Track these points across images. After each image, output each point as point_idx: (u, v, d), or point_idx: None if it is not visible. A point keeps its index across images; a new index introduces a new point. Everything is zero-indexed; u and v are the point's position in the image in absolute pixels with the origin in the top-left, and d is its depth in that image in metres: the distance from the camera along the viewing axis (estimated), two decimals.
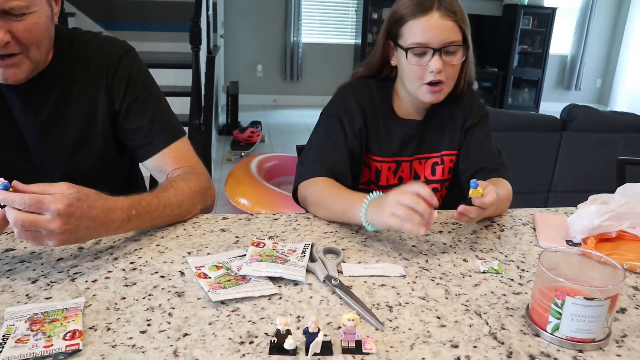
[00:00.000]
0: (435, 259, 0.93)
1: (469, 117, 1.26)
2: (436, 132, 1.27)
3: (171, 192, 1.00)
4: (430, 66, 1.10)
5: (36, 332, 0.66)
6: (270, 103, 6.63)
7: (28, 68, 0.97)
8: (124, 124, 1.11)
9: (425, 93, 1.15)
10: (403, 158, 1.26)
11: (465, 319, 0.75)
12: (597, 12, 7.08)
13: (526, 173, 2.93)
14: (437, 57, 1.09)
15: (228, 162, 4.37)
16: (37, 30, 0.94)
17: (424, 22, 1.09)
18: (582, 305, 0.67)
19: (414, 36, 1.10)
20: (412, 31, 1.10)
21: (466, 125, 1.26)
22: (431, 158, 1.27)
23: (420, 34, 1.09)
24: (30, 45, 0.94)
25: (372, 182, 1.28)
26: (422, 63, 1.11)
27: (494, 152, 1.27)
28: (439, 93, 1.15)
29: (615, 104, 7.26)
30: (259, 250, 0.89)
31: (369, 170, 1.27)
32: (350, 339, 0.66)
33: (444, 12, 1.08)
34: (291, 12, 6.29)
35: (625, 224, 0.97)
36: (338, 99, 1.24)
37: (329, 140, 1.19)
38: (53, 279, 0.81)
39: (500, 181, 1.17)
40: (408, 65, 1.13)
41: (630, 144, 2.89)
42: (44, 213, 0.77)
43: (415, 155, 1.27)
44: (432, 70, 1.10)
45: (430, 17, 1.08)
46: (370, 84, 1.25)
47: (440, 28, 1.08)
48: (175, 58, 4.41)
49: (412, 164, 1.27)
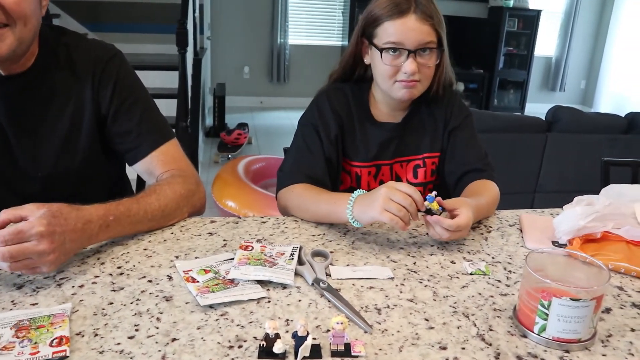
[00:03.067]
0: (423, 261, 0.93)
1: (451, 118, 1.26)
2: (416, 134, 1.27)
3: (153, 197, 0.99)
4: (404, 67, 1.11)
5: (22, 339, 0.65)
6: (257, 105, 6.61)
7: (12, 43, 0.93)
8: (112, 127, 1.10)
9: (398, 89, 1.15)
10: (383, 162, 1.26)
11: (453, 321, 0.75)
12: (580, 15, 7.18)
13: (512, 174, 2.96)
14: (412, 58, 1.11)
15: (215, 165, 4.35)
16: (26, 4, 0.92)
17: (401, 24, 1.10)
18: (568, 306, 0.68)
19: (389, 36, 1.11)
20: (388, 32, 1.11)
21: (449, 127, 1.26)
22: (412, 160, 1.27)
23: (396, 35, 1.10)
24: (18, 20, 0.92)
25: (353, 189, 1.24)
26: (396, 63, 1.12)
27: (480, 153, 1.26)
28: (413, 89, 1.15)
29: (599, 105, 7.36)
30: (247, 253, 0.89)
31: (349, 177, 1.26)
32: (339, 342, 0.66)
33: (420, 15, 1.10)
34: (278, 13, 6.28)
35: (609, 224, 0.98)
36: (313, 106, 1.24)
37: (306, 148, 1.19)
38: (39, 285, 0.80)
39: (487, 185, 1.18)
40: (382, 64, 1.13)
41: (614, 145, 2.94)
42: (28, 240, 0.76)
43: (396, 158, 1.26)
44: (406, 72, 1.11)
45: (407, 19, 1.09)
46: (345, 89, 1.25)
47: (416, 30, 1.10)
48: (161, 60, 4.38)
49: (392, 167, 1.27)
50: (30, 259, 0.77)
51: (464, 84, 6.86)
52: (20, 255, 0.76)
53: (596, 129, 2.97)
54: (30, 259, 0.77)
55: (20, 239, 0.76)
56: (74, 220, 0.84)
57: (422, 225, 1.09)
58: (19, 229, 0.76)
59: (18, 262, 0.76)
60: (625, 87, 6.95)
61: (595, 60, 7.51)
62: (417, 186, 1.26)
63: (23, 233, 0.76)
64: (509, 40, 6.82)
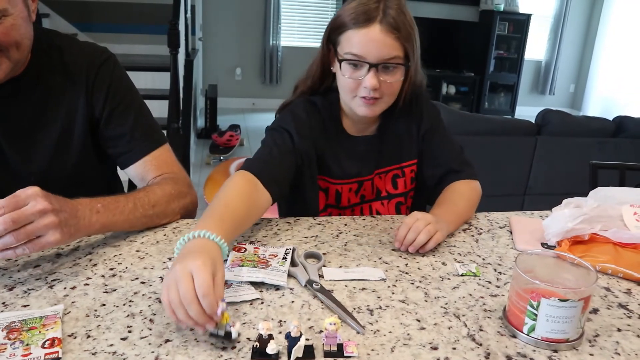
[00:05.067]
0: (415, 263, 0.94)
1: (422, 122, 1.21)
2: (392, 144, 1.21)
3: (142, 193, 1.00)
4: (364, 82, 1.03)
5: (14, 341, 0.65)
6: (249, 106, 6.60)
7: (7, 68, 0.95)
8: (105, 131, 1.10)
9: (359, 105, 1.08)
10: (364, 178, 1.20)
11: (445, 321, 0.76)
12: (570, 19, 7.26)
13: (502, 176, 2.99)
14: (373, 73, 1.02)
15: (207, 166, 4.34)
16: (14, 32, 0.93)
17: (364, 35, 1.01)
18: (556, 307, 0.69)
19: (351, 47, 1.03)
20: (350, 41, 1.03)
21: (422, 131, 1.21)
22: (391, 171, 1.22)
23: (358, 46, 1.02)
24: (10, 47, 0.93)
25: (330, 206, 1.21)
26: (356, 76, 1.04)
27: (456, 151, 1.23)
28: (374, 106, 1.08)
29: (588, 108, 7.45)
30: (240, 255, 0.89)
31: (325, 195, 1.20)
32: (332, 343, 0.66)
33: (386, 27, 1.00)
34: (270, 15, 6.29)
35: (597, 226, 1.00)
36: (287, 114, 1.14)
37: (274, 146, 1.09)
38: (30, 286, 0.80)
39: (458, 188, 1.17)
40: (342, 77, 1.06)
41: (603, 148, 2.98)
42: (25, 204, 0.76)
43: (375, 171, 1.21)
44: (366, 86, 1.03)
45: (371, 30, 1.01)
46: (316, 102, 1.17)
47: (379, 42, 1.01)
48: (152, 61, 4.37)
49: (373, 180, 1.22)
50: (32, 222, 0.76)
51: (455, 87, 6.92)
52: (21, 218, 0.75)
53: (585, 132, 3.01)
54: (33, 223, 0.76)
55: (17, 203, 0.75)
56: (64, 199, 0.84)
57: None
58: (14, 195, 0.76)
59: (21, 231, 0.75)
60: (614, 91, 7.04)
61: (584, 64, 7.60)
62: (398, 197, 1.22)
63: (18, 197, 0.76)
64: (500, 44, 6.89)
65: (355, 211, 1.23)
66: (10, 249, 0.76)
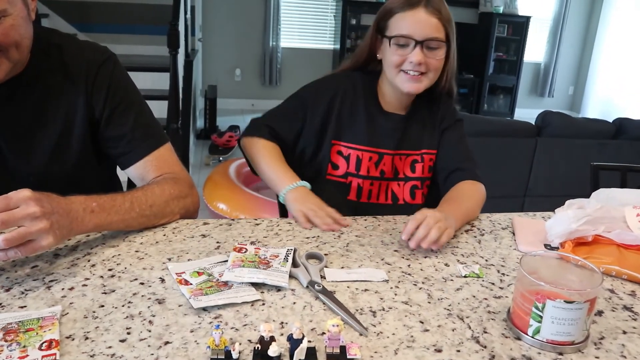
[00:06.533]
0: (417, 264, 0.93)
1: (444, 119, 1.31)
2: (417, 130, 1.31)
3: (139, 192, 0.99)
4: (411, 57, 1.16)
5: (10, 343, 0.64)
6: (248, 107, 6.59)
7: (7, 68, 0.95)
8: (105, 131, 1.08)
9: (404, 81, 1.20)
10: (385, 150, 1.28)
11: (448, 323, 0.75)
12: (569, 21, 7.27)
13: (503, 178, 2.98)
14: (419, 49, 1.15)
15: (206, 167, 4.33)
16: (14, 32, 0.92)
17: (410, 16, 1.16)
18: (562, 309, 0.68)
19: (399, 28, 1.17)
20: (398, 23, 1.17)
21: (442, 127, 1.31)
22: (411, 155, 1.30)
23: (406, 27, 1.16)
24: (10, 47, 0.92)
25: (350, 174, 1.28)
26: (403, 53, 1.17)
27: (467, 154, 1.30)
28: (418, 83, 1.19)
29: (587, 111, 7.45)
30: (241, 255, 0.88)
31: (346, 161, 1.27)
32: (335, 345, 0.65)
33: (430, 10, 1.15)
34: (270, 16, 6.28)
35: (600, 228, 0.99)
36: (316, 83, 1.31)
37: (287, 110, 1.30)
38: (28, 287, 0.78)
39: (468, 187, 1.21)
40: (390, 54, 1.19)
41: (603, 150, 2.97)
42: (16, 207, 0.75)
43: (398, 150, 1.29)
44: (412, 61, 1.16)
45: (417, 12, 1.15)
46: (355, 76, 1.30)
47: (425, 22, 1.15)
48: (151, 61, 4.37)
49: (393, 158, 1.29)
50: (23, 226, 0.75)
51: None
52: (11, 220, 0.74)
53: (585, 134, 3.01)
54: (24, 227, 0.75)
55: (7, 205, 0.74)
56: (57, 198, 0.83)
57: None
58: (5, 196, 0.75)
59: (13, 234, 0.74)
60: (613, 93, 7.04)
61: (583, 66, 7.60)
62: (415, 180, 1.31)
63: (9, 199, 0.75)
64: (499, 46, 6.89)
65: (374, 185, 1.29)
66: (2, 252, 0.75)
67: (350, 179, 1.27)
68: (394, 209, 1.27)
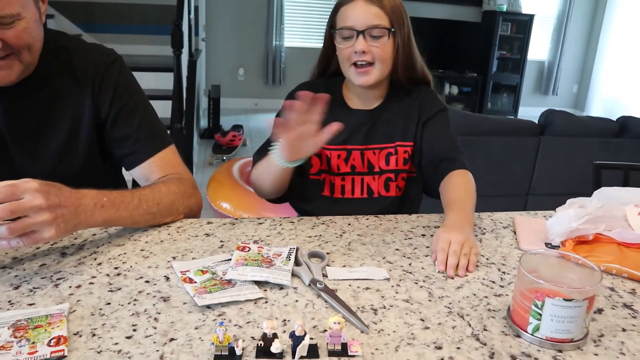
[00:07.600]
0: (419, 262, 0.94)
1: (424, 111, 1.30)
2: (388, 124, 1.30)
3: (147, 190, 1.01)
4: (355, 46, 1.18)
5: (20, 339, 0.66)
6: (252, 107, 6.61)
7: (20, 70, 0.97)
8: (111, 132, 1.10)
9: (354, 75, 1.22)
10: (353, 147, 1.29)
11: (449, 321, 0.76)
12: (573, 20, 7.24)
13: (505, 177, 2.98)
14: (361, 38, 1.18)
15: (210, 166, 4.35)
16: (26, 35, 0.94)
17: (351, 8, 1.19)
18: (561, 306, 0.69)
19: (343, 21, 1.20)
20: (342, 17, 1.21)
21: (422, 119, 1.30)
22: (385, 148, 1.30)
23: (348, 18, 1.19)
24: (22, 49, 0.94)
25: (324, 171, 1.30)
26: (348, 45, 1.20)
27: (452, 143, 1.30)
28: (367, 75, 1.21)
29: (591, 109, 7.43)
30: (244, 254, 0.89)
31: (319, 160, 1.29)
32: (336, 342, 0.67)
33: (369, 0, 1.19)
34: (273, 16, 6.30)
35: (601, 226, 1.00)
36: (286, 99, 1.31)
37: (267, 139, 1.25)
38: (36, 285, 0.80)
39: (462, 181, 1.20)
40: (339, 48, 1.22)
41: (606, 148, 2.97)
42: (22, 197, 0.76)
43: (367, 144, 1.29)
44: (357, 50, 1.18)
45: (356, 3, 1.19)
46: (317, 83, 1.32)
47: (365, 12, 1.18)
48: (155, 61, 4.38)
49: (363, 152, 1.29)
50: (28, 217, 0.76)
51: (458, 87, 6.91)
52: (16, 210, 0.75)
53: (588, 132, 3.00)
54: (28, 218, 0.77)
55: (14, 194, 0.76)
56: (68, 191, 0.85)
57: (417, 227, 1.10)
58: (12, 184, 0.76)
59: (17, 224, 0.75)
60: (617, 92, 7.02)
61: (587, 64, 7.58)
62: (389, 173, 1.31)
63: (16, 187, 0.76)
64: (502, 44, 6.88)
65: (346, 180, 1.30)
66: (4, 240, 0.77)
67: (323, 176, 1.30)
68: (369, 202, 1.28)
